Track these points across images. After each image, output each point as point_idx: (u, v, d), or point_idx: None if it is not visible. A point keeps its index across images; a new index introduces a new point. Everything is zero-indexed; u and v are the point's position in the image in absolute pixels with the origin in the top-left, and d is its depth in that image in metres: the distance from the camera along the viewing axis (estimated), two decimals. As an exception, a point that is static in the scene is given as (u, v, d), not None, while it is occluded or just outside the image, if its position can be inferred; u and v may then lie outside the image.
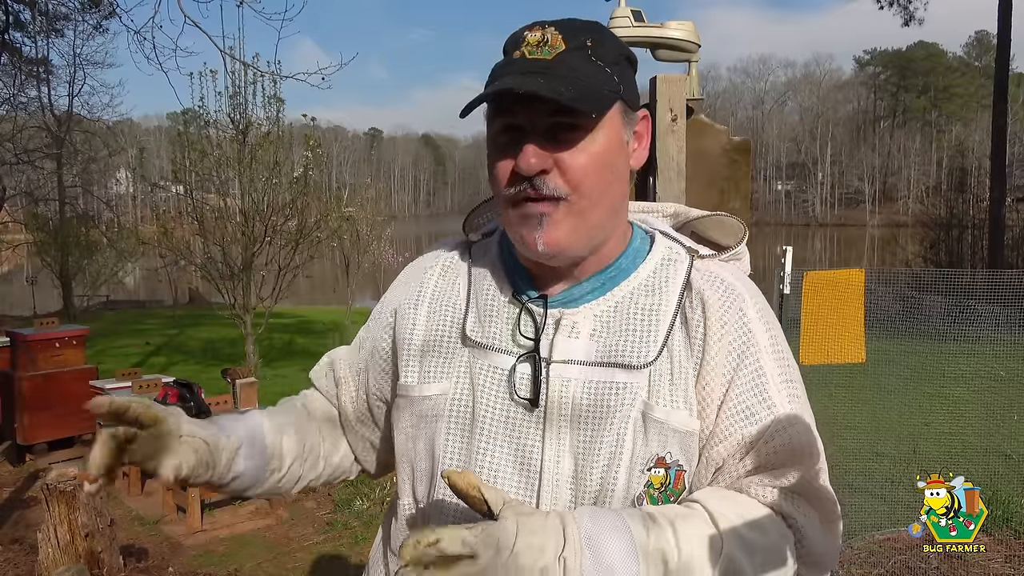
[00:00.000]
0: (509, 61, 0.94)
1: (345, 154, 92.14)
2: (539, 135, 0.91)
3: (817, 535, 0.93)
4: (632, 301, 0.97)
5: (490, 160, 0.96)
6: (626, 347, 0.94)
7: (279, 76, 6.94)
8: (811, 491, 0.94)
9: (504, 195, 0.94)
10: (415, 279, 1.11)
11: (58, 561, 2.80)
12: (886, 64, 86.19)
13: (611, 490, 0.92)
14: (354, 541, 4.28)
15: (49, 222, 16.16)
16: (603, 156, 0.93)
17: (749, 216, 2.45)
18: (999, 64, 15.51)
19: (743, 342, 0.95)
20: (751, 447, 0.93)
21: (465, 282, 1.06)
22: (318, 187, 9.65)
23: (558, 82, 0.89)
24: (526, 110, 0.91)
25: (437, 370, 1.02)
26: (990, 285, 4.38)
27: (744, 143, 2.52)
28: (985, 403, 5.01)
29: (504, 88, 0.89)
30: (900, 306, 4.70)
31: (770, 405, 0.94)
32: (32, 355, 5.67)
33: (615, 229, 1.00)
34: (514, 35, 0.96)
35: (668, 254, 1.02)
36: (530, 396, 0.95)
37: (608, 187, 0.95)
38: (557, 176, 0.91)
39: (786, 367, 0.98)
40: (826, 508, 0.96)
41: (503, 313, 1.01)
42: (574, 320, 0.97)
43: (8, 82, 15.18)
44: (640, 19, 2.53)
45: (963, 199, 16.37)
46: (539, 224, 0.92)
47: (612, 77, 0.94)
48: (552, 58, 0.92)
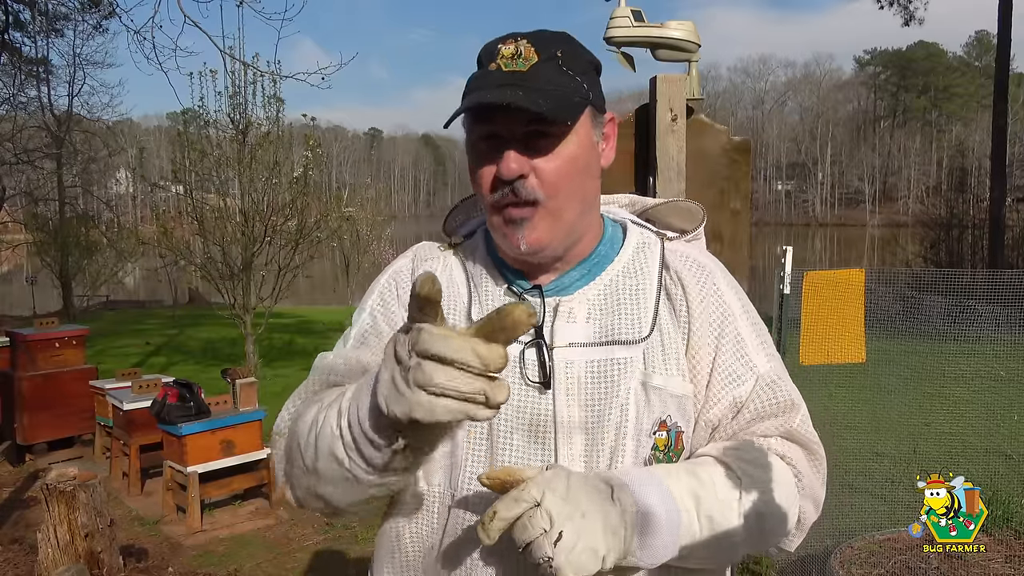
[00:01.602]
0: (485, 73, 1.01)
1: (345, 154, 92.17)
2: (517, 142, 0.99)
3: (809, 473, 1.06)
4: (618, 283, 1.08)
5: (472, 166, 1.05)
6: (621, 325, 1.04)
7: (279, 76, 6.95)
8: (798, 435, 1.06)
9: (488, 201, 1.03)
10: (418, 268, 1.17)
11: (58, 561, 2.80)
12: (886, 64, 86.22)
13: (621, 457, 1.01)
14: (354, 541, 4.28)
15: (49, 222, 16.14)
16: (575, 159, 1.02)
17: (749, 216, 2.44)
18: (999, 64, 15.51)
19: (721, 312, 1.08)
20: (741, 406, 1.05)
21: (463, 278, 1.13)
22: (318, 187, 9.67)
23: (535, 94, 0.96)
24: (505, 119, 0.98)
25: None
26: (990, 285, 4.38)
27: (744, 143, 2.51)
28: (985, 403, 5.00)
29: (488, 102, 0.96)
30: (900, 306, 4.69)
31: (752, 367, 1.06)
32: (32, 355, 5.67)
33: (591, 223, 1.10)
34: (488, 48, 1.03)
35: (641, 239, 1.13)
36: (540, 380, 1.02)
37: (580, 187, 1.04)
38: (534, 180, 1.00)
39: (759, 329, 1.11)
40: (812, 449, 1.08)
41: (504, 303, 1.05)
42: (570, 306, 1.06)
43: (8, 82, 15.18)
44: (640, 19, 2.52)
45: (963, 199, 16.35)
46: (520, 227, 1.02)
47: (582, 85, 1.03)
48: (527, 70, 0.99)
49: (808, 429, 1.08)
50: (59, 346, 5.78)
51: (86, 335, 6.11)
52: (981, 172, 22.30)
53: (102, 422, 5.61)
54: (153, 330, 13.47)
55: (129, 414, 5.06)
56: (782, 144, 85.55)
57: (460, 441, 1.03)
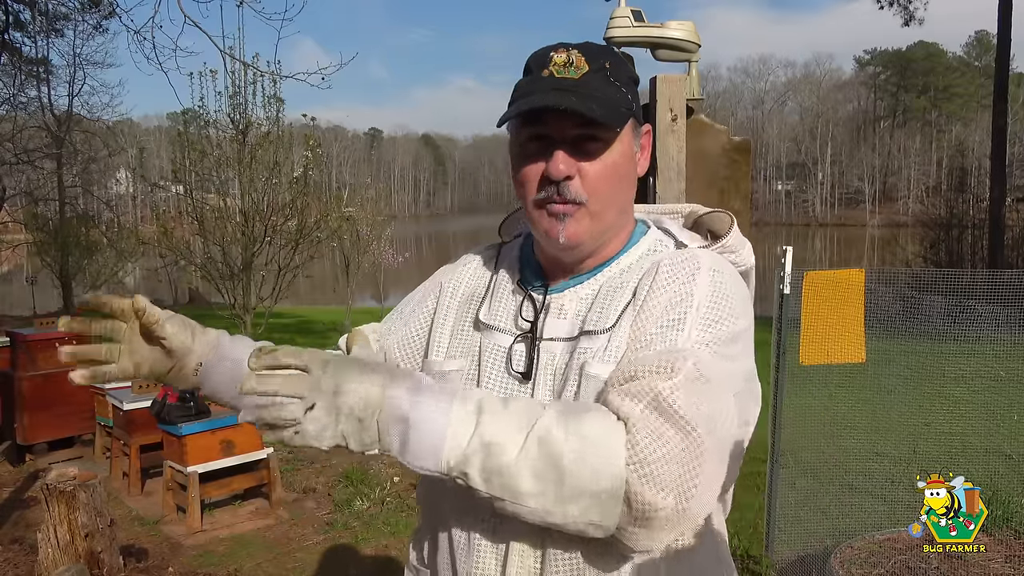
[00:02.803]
0: (537, 78, 1.06)
1: (345, 154, 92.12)
2: (566, 144, 1.04)
3: (657, 450, 0.86)
4: (612, 282, 1.09)
5: (517, 164, 1.08)
6: (593, 318, 1.06)
7: (279, 76, 6.97)
8: (668, 408, 0.87)
9: (533, 198, 1.07)
10: (461, 267, 1.26)
11: (58, 561, 2.80)
12: (886, 64, 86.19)
13: None
14: (354, 541, 4.28)
15: (49, 222, 16.16)
16: (618, 166, 1.06)
17: (749, 216, 2.45)
18: (999, 64, 15.51)
19: (681, 296, 0.99)
20: (640, 344, 0.97)
21: (490, 275, 1.21)
22: (318, 187, 9.67)
23: (588, 100, 1.02)
24: (556, 122, 1.03)
25: (458, 350, 1.16)
26: (990, 285, 4.37)
27: (744, 143, 2.52)
28: (985, 403, 5.01)
29: (546, 105, 1.00)
30: (900, 306, 4.69)
31: (671, 339, 0.96)
32: (32, 355, 5.66)
33: (622, 228, 1.13)
34: (539, 56, 1.08)
35: (654, 244, 1.14)
36: (523, 371, 1.08)
37: (620, 192, 1.08)
38: (578, 182, 1.04)
39: (711, 323, 0.97)
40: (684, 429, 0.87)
41: (511, 300, 1.15)
42: (561, 303, 1.11)
43: (8, 82, 15.19)
44: (640, 19, 2.53)
45: (963, 199, 16.37)
46: (561, 220, 1.05)
47: (627, 96, 1.08)
48: (579, 78, 1.04)
49: (689, 401, 0.88)
50: (59, 346, 5.75)
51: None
52: (981, 172, 22.32)
53: (102, 422, 5.61)
54: (153, 330, 13.44)
55: (129, 414, 5.06)
56: (782, 144, 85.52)
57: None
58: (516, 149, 1.09)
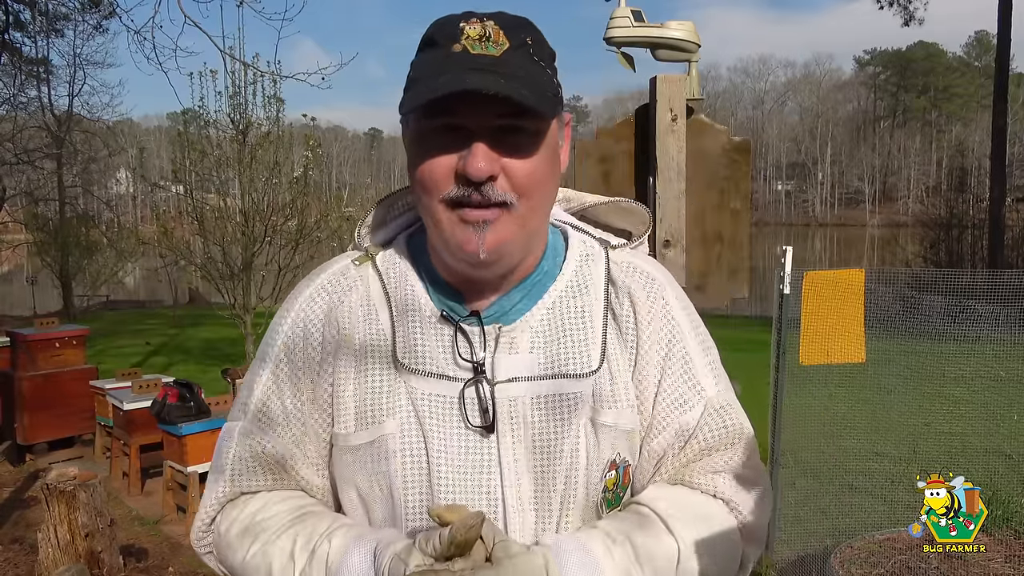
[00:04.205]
0: (448, 54, 0.86)
1: (345, 154, 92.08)
2: (485, 137, 0.85)
3: (754, 512, 0.97)
4: (563, 305, 0.97)
5: (419, 159, 0.89)
6: (568, 356, 0.94)
7: (279, 76, 6.95)
8: (744, 472, 0.97)
9: (442, 196, 0.87)
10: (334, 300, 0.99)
11: (58, 561, 2.80)
12: (886, 64, 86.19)
13: (571, 503, 0.93)
14: (354, 541, 4.28)
15: (49, 222, 16.19)
16: (546, 161, 0.90)
17: (749, 216, 2.45)
18: (999, 64, 15.52)
19: (669, 330, 0.99)
20: (688, 436, 0.97)
21: (384, 305, 0.97)
22: (318, 187, 9.66)
23: (515, 82, 0.83)
24: (471, 110, 0.84)
25: (377, 410, 0.93)
26: (990, 285, 4.38)
27: (744, 143, 2.52)
28: (985, 403, 5.01)
29: (468, 88, 0.81)
30: (900, 306, 4.69)
31: (700, 391, 0.98)
32: (32, 355, 5.67)
33: (545, 234, 0.99)
34: (445, 26, 0.88)
35: (584, 249, 1.02)
36: (483, 424, 0.91)
37: (549, 193, 0.93)
38: (504, 181, 0.87)
39: (708, 349, 1.03)
40: (759, 484, 0.99)
41: (436, 335, 0.94)
42: (512, 336, 0.94)
43: (8, 82, 15.21)
44: (640, 19, 2.52)
45: (963, 199, 16.37)
46: (480, 230, 0.87)
47: (552, 78, 0.90)
48: (500, 55, 0.85)
49: (756, 462, 0.99)
50: (59, 346, 5.78)
51: (86, 335, 6.11)
52: (981, 172, 22.33)
53: (102, 422, 5.61)
54: (153, 330, 13.47)
55: (129, 414, 5.07)
56: (782, 144, 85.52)
57: (398, 497, 0.92)
58: (417, 140, 0.89)
